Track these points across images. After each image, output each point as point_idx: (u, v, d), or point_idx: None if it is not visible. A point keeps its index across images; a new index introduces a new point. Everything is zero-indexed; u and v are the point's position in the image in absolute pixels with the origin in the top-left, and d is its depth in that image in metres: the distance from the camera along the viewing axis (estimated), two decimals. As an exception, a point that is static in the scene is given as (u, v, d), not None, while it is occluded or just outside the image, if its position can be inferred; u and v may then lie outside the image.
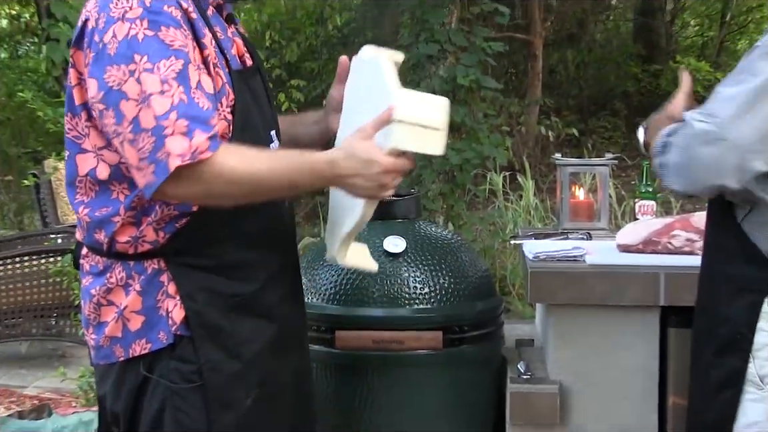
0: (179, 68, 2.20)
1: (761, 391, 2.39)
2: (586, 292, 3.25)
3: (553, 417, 3.27)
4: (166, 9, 2.24)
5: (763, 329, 2.37)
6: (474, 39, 10.05)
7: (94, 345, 2.44)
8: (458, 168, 9.46)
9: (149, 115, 2.15)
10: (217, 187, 2.22)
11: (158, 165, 2.14)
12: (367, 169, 2.26)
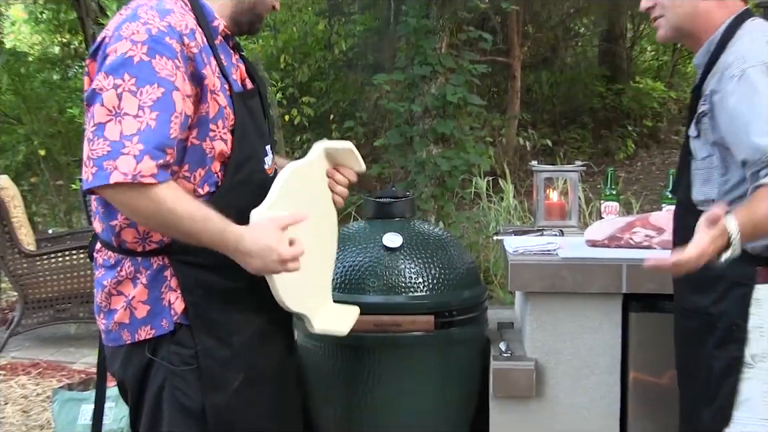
0: (158, 96, 2.22)
1: (752, 369, 2.43)
2: (559, 282, 3.25)
3: (530, 390, 3.28)
4: (167, 40, 2.26)
5: (753, 314, 2.42)
6: (461, 62, 10.05)
7: (104, 329, 2.47)
8: (447, 174, 9.47)
9: (116, 131, 2.17)
10: (141, 210, 2.23)
11: (101, 171, 2.16)
12: (266, 255, 2.27)
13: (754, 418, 2.43)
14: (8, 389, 5.92)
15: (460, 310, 3.33)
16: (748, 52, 2.42)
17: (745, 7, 2.59)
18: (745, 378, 2.44)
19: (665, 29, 2.65)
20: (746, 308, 2.43)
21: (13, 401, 5.70)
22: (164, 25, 2.27)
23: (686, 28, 2.62)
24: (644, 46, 17.96)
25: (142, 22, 2.26)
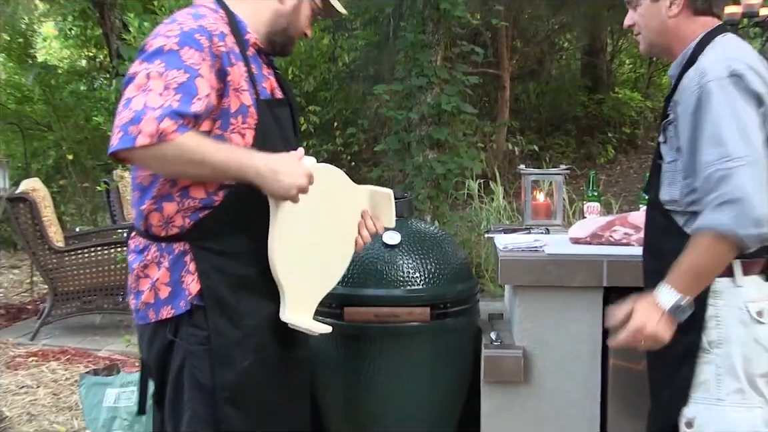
0: (183, 80, 2.25)
1: (709, 355, 2.45)
2: (545, 276, 3.25)
3: (518, 375, 3.27)
4: (196, 36, 2.32)
5: (711, 305, 2.44)
6: (455, 73, 10.03)
7: (134, 309, 2.52)
8: (442, 176, 9.46)
9: (141, 102, 2.20)
10: (169, 159, 2.23)
11: (126, 135, 2.18)
12: (293, 170, 2.33)
13: (710, 398, 2.45)
14: (40, 374, 5.96)
15: (454, 302, 3.32)
16: (709, 67, 2.42)
17: (718, 24, 2.58)
18: (701, 362, 2.46)
19: (643, 44, 2.70)
20: (705, 299, 2.44)
21: (44, 384, 5.73)
22: (196, 25, 2.35)
23: (659, 43, 2.65)
24: (623, 60, 18.00)
25: (177, 24, 2.34)
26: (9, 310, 7.86)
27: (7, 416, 5.10)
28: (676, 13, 2.56)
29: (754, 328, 2.44)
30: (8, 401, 5.42)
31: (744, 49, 2.51)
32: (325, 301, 3.21)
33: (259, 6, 2.57)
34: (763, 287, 2.49)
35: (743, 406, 2.44)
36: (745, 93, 2.37)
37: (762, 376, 2.46)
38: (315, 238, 2.57)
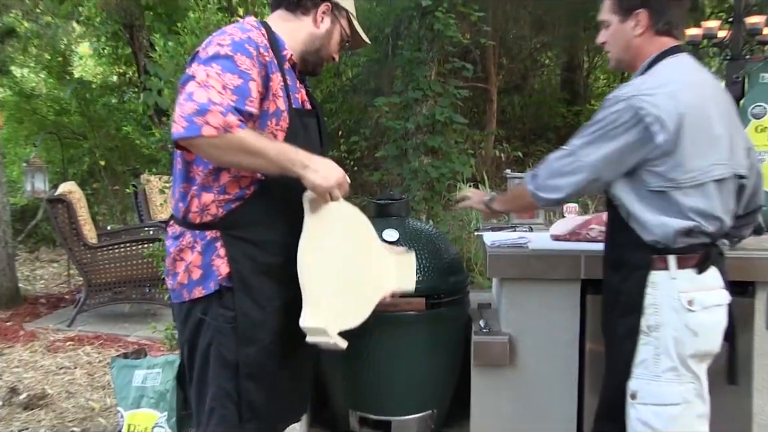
0: (238, 84, 2.31)
1: (647, 337, 2.57)
2: (529, 270, 3.24)
3: (505, 359, 3.27)
4: (246, 46, 2.39)
5: (649, 294, 2.56)
6: (447, 87, 10.03)
7: (171, 289, 2.58)
8: (436, 180, 9.46)
9: (204, 96, 2.23)
10: (231, 148, 2.26)
11: (192, 125, 2.21)
12: (332, 171, 2.42)
13: (649, 375, 2.57)
14: (76, 356, 6.00)
15: (446, 294, 3.33)
16: (628, 86, 2.58)
17: (673, 45, 2.65)
18: (641, 344, 2.58)
19: (612, 60, 2.82)
20: (643, 288, 2.57)
21: (80, 366, 5.76)
22: (245, 36, 2.41)
23: (625, 59, 2.75)
24: (598, 75, 17.96)
25: (228, 34, 2.41)
26: (49, 299, 7.88)
27: (49, 393, 5.14)
28: (640, 33, 2.65)
29: (685, 315, 2.53)
30: (49, 380, 5.46)
31: (671, 73, 2.59)
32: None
33: (297, 27, 2.64)
34: (696, 279, 2.56)
35: (676, 382, 2.55)
36: (630, 113, 2.51)
37: (692, 356, 2.56)
38: (341, 264, 2.59)
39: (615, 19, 2.70)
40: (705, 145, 2.52)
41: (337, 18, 2.71)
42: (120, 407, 3.77)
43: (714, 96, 2.63)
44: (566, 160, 2.68)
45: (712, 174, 2.53)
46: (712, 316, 2.59)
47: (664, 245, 2.53)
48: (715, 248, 2.60)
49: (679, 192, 2.51)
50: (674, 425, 2.56)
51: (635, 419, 2.61)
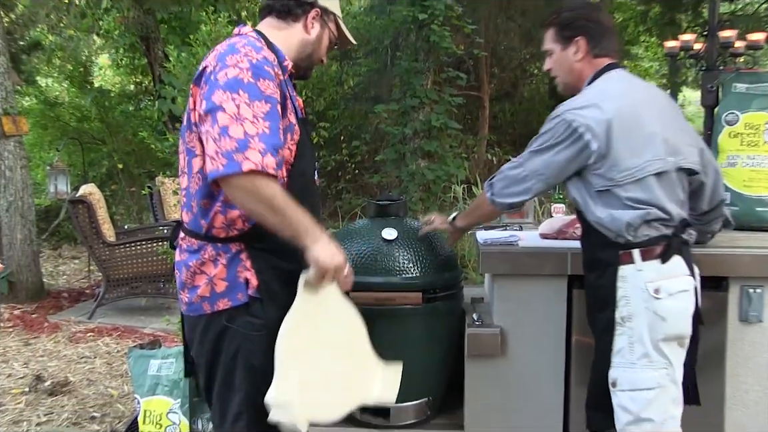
0: (267, 109, 2.22)
1: (622, 327, 2.65)
2: (519, 266, 3.23)
3: (496, 350, 3.26)
4: (266, 68, 2.28)
5: (620, 287, 2.64)
6: (443, 95, 10.06)
7: (187, 302, 2.43)
8: (432, 182, 9.48)
9: (240, 131, 2.15)
10: (261, 195, 2.17)
11: (231, 162, 2.13)
12: (334, 254, 2.29)
13: (626, 362, 2.64)
14: (96, 347, 6.03)
15: (442, 288, 3.32)
16: (564, 103, 2.76)
17: (607, 63, 2.80)
18: (617, 334, 2.66)
19: (560, 84, 2.95)
20: (614, 283, 2.65)
21: (100, 356, 5.79)
22: (260, 57, 2.29)
23: (569, 82, 2.88)
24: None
25: (242, 54, 2.27)
26: (71, 293, 7.90)
27: (71, 381, 5.17)
28: (581, 57, 2.81)
29: (653, 303, 2.60)
30: (72, 369, 5.50)
31: (601, 87, 2.75)
32: (333, 287, 3.23)
33: (289, 35, 2.53)
34: (661, 269, 2.63)
35: (649, 368, 2.61)
36: (563, 126, 2.69)
37: (663, 340, 2.61)
38: (322, 354, 2.43)
39: (557, 47, 2.85)
40: (639, 144, 2.65)
41: (326, 22, 2.60)
42: (137, 394, 3.76)
43: (647, 100, 2.76)
44: (517, 170, 2.81)
45: (650, 169, 2.65)
46: (678, 302, 2.64)
47: (626, 240, 2.63)
48: (676, 239, 2.67)
49: (619, 188, 2.64)
50: (650, 409, 2.62)
51: (617, 406, 2.68)
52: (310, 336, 2.36)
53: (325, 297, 2.38)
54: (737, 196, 3.58)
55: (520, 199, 2.82)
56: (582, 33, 2.78)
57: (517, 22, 14.56)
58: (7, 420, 4.56)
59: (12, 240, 7.50)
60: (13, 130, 7.37)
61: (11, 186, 7.46)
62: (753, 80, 3.66)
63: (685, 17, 14.63)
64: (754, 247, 3.23)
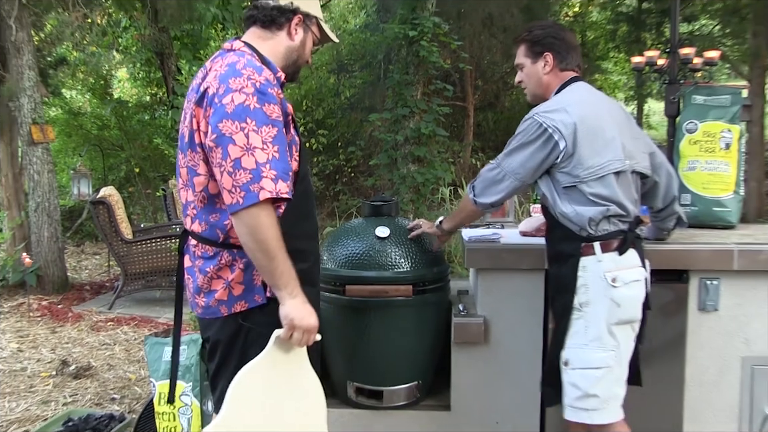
0: (275, 134, 2.15)
1: (579, 312, 2.70)
2: (501, 261, 3.22)
3: (480, 337, 3.25)
4: (269, 91, 2.18)
5: (580, 276, 2.69)
6: (431, 105, 10.07)
7: (204, 305, 2.36)
8: (421, 184, 9.49)
9: (251, 161, 2.10)
10: (255, 237, 2.12)
11: (249, 193, 2.09)
12: (307, 314, 2.22)
13: (579, 344, 2.70)
14: (116, 335, 6.03)
15: (431, 281, 3.30)
16: (535, 108, 2.80)
17: (572, 75, 2.87)
18: (574, 318, 2.71)
19: (529, 95, 2.98)
20: (575, 272, 2.70)
21: (119, 343, 5.81)
22: (263, 79, 2.19)
23: (538, 93, 2.92)
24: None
25: (245, 78, 2.17)
26: (92, 286, 7.90)
27: (93, 365, 5.20)
28: (549, 71, 2.86)
29: (610, 291, 2.66)
30: (94, 355, 5.51)
31: (567, 95, 2.80)
32: (330, 281, 3.23)
33: (275, 44, 2.44)
34: (618, 260, 2.69)
35: (600, 349, 2.67)
36: (535, 127, 2.73)
37: (616, 324, 2.67)
38: (273, 414, 2.28)
39: (528, 61, 2.89)
40: (600, 146, 2.71)
41: (308, 26, 2.50)
42: (152, 378, 3.75)
43: (607, 109, 2.81)
44: (495, 171, 2.85)
45: (610, 168, 2.72)
46: (631, 290, 2.70)
47: (588, 234, 2.68)
48: (631, 233, 2.74)
49: (584, 185, 2.69)
50: (597, 386, 2.67)
51: (567, 383, 2.73)
52: (267, 393, 2.25)
53: (292, 360, 2.29)
54: (697, 198, 3.59)
55: (499, 197, 2.85)
56: (550, 49, 2.83)
57: (498, 38, 14.58)
58: (38, 400, 4.58)
59: (39, 237, 7.51)
60: (40, 138, 7.39)
61: (39, 188, 7.47)
62: (709, 93, 3.68)
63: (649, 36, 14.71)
64: (711, 243, 3.24)
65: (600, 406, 2.66)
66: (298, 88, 13.71)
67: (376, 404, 3.36)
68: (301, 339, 2.23)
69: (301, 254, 2.36)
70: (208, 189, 2.28)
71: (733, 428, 3.29)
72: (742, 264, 3.16)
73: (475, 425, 3.33)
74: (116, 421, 4.07)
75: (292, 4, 2.43)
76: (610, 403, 2.68)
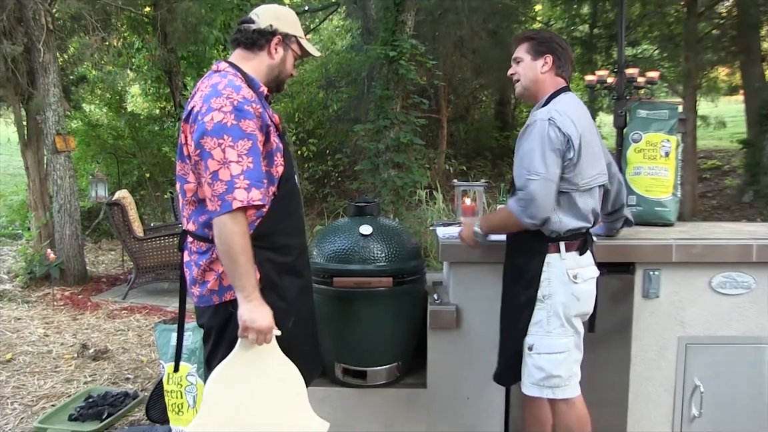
0: (249, 146, 2.18)
1: (542, 303, 2.69)
2: (471, 255, 3.20)
3: (453, 324, 3.26)
4: (246, 108, 2.20)
5: (545, 271, 2.67)
6: (409, 117, 10.07)
7: (198, 295, 2.39)
8: (401, 187, 9.48)
9: (227, 173, 2.13)
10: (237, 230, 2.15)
11: (224, 202, 2.13)
12: (264, 317, 2.21)
13: (542, 331, 2.69)
14: (129, 322, 6.02)
15: (409, 274, 3.30)
16: (542, 111, 2.63)
17: (565, 85, 2.78)
18: (537, 309, 2.70)
19: (520, 88, 2.86)
20: (541, 267, 2.67)
21: (132, 329, 5.79)
22: (240, 97, 2.21)
23: (529, 88, 2.80)
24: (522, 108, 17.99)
25: (225, 97, 2.20)
26: (108, 279, 7.85)
27: (110, 349, 5.19)
28: (546, 71, 2.76)
29: (571, 286, 2.67)
30: (110, 339, 5.50)
31: (569, 104, 2.67)
32: (319, 273, 3.22)
33: (258, 63, 2.44)
34: (579, 259, 2.70)
35: (562, 336, 2.68)
36: (554, 130, 2.55)
37: (575, 316, 2.70)
38: (248, 408, 2.27)
39: (528, 57, 2.78)
40: (592, 159, 2.67)
41: (288, 45, 2.49)
42: (161, 360, 3.71)
43: (591, 123, 2.76)
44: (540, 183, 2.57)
45: (598, 181, 2.71)
46: (588, 286, 2.73)
47: (557, 234, 2.65)
48: (589, 235, 2.75)
49: (577, 193, 2.64)
50: (560, 368, 2.69)
51: (531, 365, 2.73)
52: (243, 388, 2.24)
53: (262, 353, 2.27)
54: (642, 199, 3.62)
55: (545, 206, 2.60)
56: (552, 52, 2.74)
57: (468, 58, 14.61)
58: (62, 379, 4.60)
59: (62, 235, 7.48)
60: (63, 147, 7.38)
61: (61, 192, 7.44)
62: (651, 108, 3.72)
63: (600, 57, 14.83)
64: (653, 238, 3.27)
65: (562, 384, 2.69)
66: (291, 101, 13.69)
67: (360, 383, 3.36)
68: (256, 339, 2.22)
69: (285, 248, 2.39)
70: (197, 194, 2.31)
71: (670, 399, 3.33)
72: (679, 256, 3.20)
73: (448, 401, 3.34)
74: (130, 398, 4.06)
75: (271, 27, 2.44)
76: (571, 381, 2.71)
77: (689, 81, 12.81)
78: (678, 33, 13.60)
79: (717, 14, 14.01)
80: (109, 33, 8.74)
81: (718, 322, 3.27)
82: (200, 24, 8.52)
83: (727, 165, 15.82)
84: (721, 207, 13.24)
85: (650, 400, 3.33)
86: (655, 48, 15.23)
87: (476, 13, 13.09)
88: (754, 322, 3.27)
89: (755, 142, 13.08)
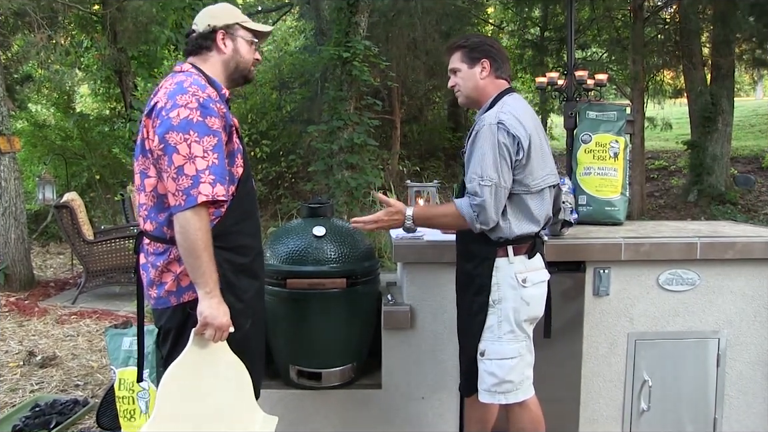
0: (215, 143, 2.18)
1: (493, 308, 2.66)
2: (424, 256, 3.23)
3: (407, 323, 3.26)
4: (211, 105, 2.21)
5: (494, 276, 2.64)
6: (363, 118, 10.09)
7: (155, 297, 2.35)
8: (354, 188, 9.50)
9: (192, 168, 2.13)
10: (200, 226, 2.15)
11: (189, 197, 2.12)
12: (222, 313, 2.21)
13: (494, 337, 2.66)
14: (79, 327, 5.91)
15: (362, 275, 3.29)
16: (490, 115, 2.59)
17: (508, 86, 2.75)
18: (489, 314, 2.66)
19: (462, 98, 2.83)
20: (490, 272, 2.64)
21: (82, 334, 5.68)
22: (205, 95, 2.23)
23: (472, 96, 2.78)
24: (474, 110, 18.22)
25: (191, 94, 2.20)
26: (57, 283, 7.72)
27: (58, 355, 5.08)
28: (486, 76, 2.72)
29: (520, 290, 2.63)
30: (59, 345, 5.38)
31: (515, 106, 2.64)
32: (272, 275, 3.20)
33: (212, 63, 2.44)
34: (527, 263, 2.66)
35: (513, 341, 2.65)
36: (503, 135, 2.53)
37: (525, 321, 2.67)
38: (201, 405, 2.26)
39: (464, 66, 2.74)
40: (541, 159, 2.64)
41: (233, 34, 2.46)
42: (113, 366, 3.67)
43: (539, 123, 2.73)
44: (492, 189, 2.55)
45: (549, 181, 2.68)
46: (538, 290, 2.69)
47: (505, 239, 2.62)
48: (538, 238, 2.72)
49: (528, 196, 2.61)
50: (512, 373, 2.66)
51: (483, 371, 2.70)
52: (194, 385, 2.24)
53: (214, 352, 2.27)
54: (592, 198, 3.67)
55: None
56: (487, 56, 2.70)
57: (422, 60, 14.67)
58: (6, 388, 4.46)
59: (7, 239, 7.32)
60: (8, 148, 7.22)
61: (6, 194, 7.28)
62: (600, 109, 3.77)
63: (551, 60, 15.08)
64: (603, 237, 3.32)
65: (514, 389, 2.67)
66: (244, 102, 13.60)
67: (315, 385, 3.34)
68: (214, 335, 2.23)
69: (243, 249, 2.38)
70: (158, 189, 2.29)
71: (620, 394, 3.39)
72: (627, 255, 3.25)
73: (403, 400, 3.35)
74: (80, 406, 3.97)
75: (209, 26, 2.44)
76: (524, 384, 2.69)
77: (636, 83, 13.15)
78: (625, 37, 13.94)
79: (662, 20, 14.38)
80: (56, 31, 8.56)
81: (665, 317, 3.34)
82: (151, 23, 8.39)
83: (673, 165, 16.23)
84: (668, 206, 13.57)
85: (601, 395, 3.38)
86: (603, 51, 15.59)
87: (429, 15, 13.17)
88: (699, 317, 3.35)
89: (698, 143, 13.47)
